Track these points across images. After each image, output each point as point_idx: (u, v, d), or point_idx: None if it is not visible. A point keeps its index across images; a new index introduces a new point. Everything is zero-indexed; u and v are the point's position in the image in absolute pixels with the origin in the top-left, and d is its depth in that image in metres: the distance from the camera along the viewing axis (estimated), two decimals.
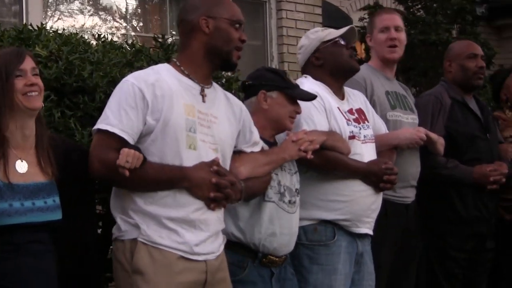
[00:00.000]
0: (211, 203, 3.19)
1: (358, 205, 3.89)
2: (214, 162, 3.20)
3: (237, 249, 3.52)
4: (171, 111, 3.15)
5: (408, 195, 4.45)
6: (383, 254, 4.24)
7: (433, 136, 4.44)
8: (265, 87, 3.71)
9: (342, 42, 4.04)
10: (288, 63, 9.03)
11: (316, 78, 4.05)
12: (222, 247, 3.33)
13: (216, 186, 3.16)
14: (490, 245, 4.80)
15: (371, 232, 3.99)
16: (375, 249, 4.07)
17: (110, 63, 3.91)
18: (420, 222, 4.57)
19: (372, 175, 3.91)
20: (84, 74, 3.74)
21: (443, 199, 4.66)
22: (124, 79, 3.25)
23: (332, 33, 4.08)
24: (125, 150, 3.00)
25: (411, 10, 9.40)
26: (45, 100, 3.68)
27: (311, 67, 4.10)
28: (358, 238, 3.94)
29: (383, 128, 4.27)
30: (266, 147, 3.64)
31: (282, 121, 3.71)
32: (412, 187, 4.47)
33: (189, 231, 3.15)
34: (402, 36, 4.63)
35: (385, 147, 4.20)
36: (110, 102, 3.21)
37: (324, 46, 4.05)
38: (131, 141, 3.11)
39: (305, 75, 4.12)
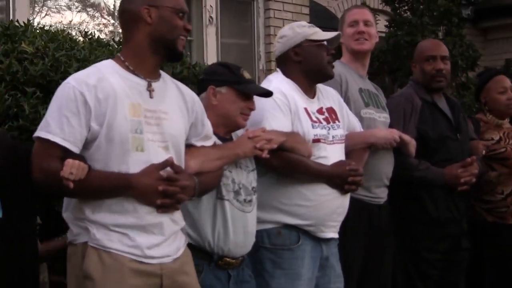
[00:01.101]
0: (159, 209, 3.04)
1: (323, 210, 3.80)
2: (167, 163, 3.03)
3: (192, 252, 3.31)
4: (115, 114, 2.98)
5: (382, 195, 4.40)
6: (355, 254, 4.20)
7: (406, 137, 4.39)
8: (215, 82, 3.57)
9: (326, 46, 3.96)
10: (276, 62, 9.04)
11: (289, 72, 3.95)
12: (182, 250, 3.18)
13: (164, 194, 3.01)
14: (465, 245, 4.78)
15: (336, 236, 3.91)
16: (347, 250, 4.04)
17: (96, 61, 3.85)
18: (393, 223, 4.55)
19: (336, 177, 3.81)
20: (70, 71, 3.71)
21: (415, 200, 4.62)
22: (64, 82, 3.07)
23: (319, 34, 3.97)
24: (69, 161, 2.85)
25: (398, 11, 9.46)
26: (31, 97, 3.70)
27: (287, 60, 3.98)
28: (323, 242, 3.84)
29: (357, 126, 4.19)
30: (219, 143, 3.51)
31: (233, 117, 3.57)
32: (385, 186, 4.44)
33: (141, 235, 3.01)
34: (372, 30, 4.56)
35: (360, 145, 4.14)
36: (51, 108, 3.02)
37: (307, 44, 3.93)
38: (75, 149, 2.96)
39: (277, 69, 4.05)
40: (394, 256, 4.60)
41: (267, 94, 3.67)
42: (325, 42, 3.97)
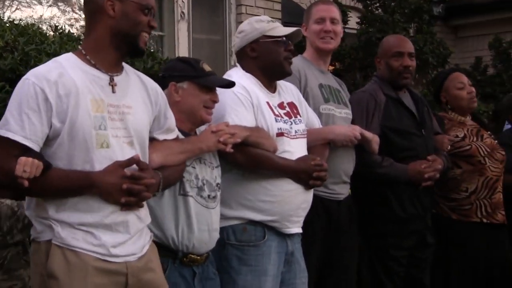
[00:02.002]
0: (123, 207, 2.98)
1: (288, 205, 3.78)
2: (133, 160, 2.97)
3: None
4: (77, 110, 2.91)
5: (341, 191, 4.37)
6: (314, 250, 4.18)
7: (368, 134, 4.35)
8: (175, 78, 3.53)
9: (284, 41, 3.91)
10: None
11: (247, 68, 3.92)
12: (147, 247, 3.13)
13: (128, 192, 2.95)
14: (430, 241, 4.79)
15: (300, 231, 3.90)
16: (306, 246, 3.99)
17: None
18: (358, 221, 4.53)
19: (301, 173, 3.78)
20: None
21: (380, 198, 4.60)
22: (24, 77, 2.98)
23: (277, 29, 3.93)
24: (22, 159, 2.77)
25: (370, 8, 9.50)
26: (0, 91, 3.67)
27: (244, 56, 3.94)
28: (288, 237, 3.83)
29: (316, 122, 4.15)
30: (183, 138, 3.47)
31: (196, 111, 3.53)
32: (344, 183, 4.41)
33: (106, 233, 2.96)
34: (338, 28, 4.53)
35: (319, 142, 4.10)
36: (11, 104, 2.94)
37: (264, 40, 3.89)
38: (36, 148, 2.89)
39: (236, 64, 4.01)
40: (360, 253, 4.59)
41: (229, 85, 3.64)
42: (284, 38, 3.92)
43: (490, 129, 5.38)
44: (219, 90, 3.63)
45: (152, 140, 3.23)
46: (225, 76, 3.91)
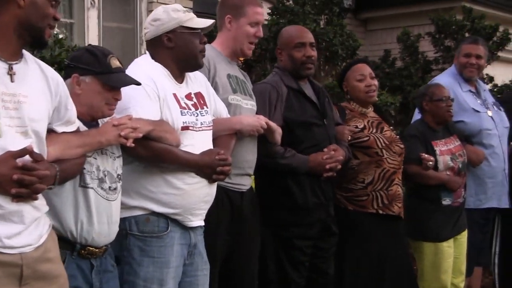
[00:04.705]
0: (15, 198, 2.89)
1: (191, 198, 3.76)
2: (26, 151, 2.88)
3: None
4: None
5: (244, 182, 4.37)
6: (217, 243, 4.19)
7: (273, 125, 4.40)
8: (79, 70, 3.43)
9: (199, 33, 3.91)
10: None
11: (158, 57, 3.88)
12: (45, 237, 3.05)
13: (19, 183, 2.86)
14: (334, 230, 4.85)
15: (203, 223, 3.91)
16: (210, 237, 4.00)
17: None
18: (263, 212, 4.57)
19: (205, 167, 3.77)
20: None
21: (282, 188, 4.65)
22: None
23: (194, 21, 3.89)
24: None
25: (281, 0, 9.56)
26: None
27: (159, 45, 3.88)
28: (191, 229, 3.82)
29: (224, 112, 4.15)
30: (84, 129, 3.40)
31: (97, 108, 3.45)
32: (247, 175, 4.44)
33: None
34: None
35: (226, 132, 4.10)
36: None
37: (181, 31, 3.85)
38: None
39: (146, 52, 3.98)
40: (265, 244, 4.62)
41: (135, 84, 3.57)
42: (199, 31, 3.91)
43: (398, 121, 5.47)
44: None
45: (50, 132, 3.13)
46: (133, 64, 3.87)
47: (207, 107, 3.96)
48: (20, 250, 2.92)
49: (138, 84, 3.56)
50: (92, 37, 8.56)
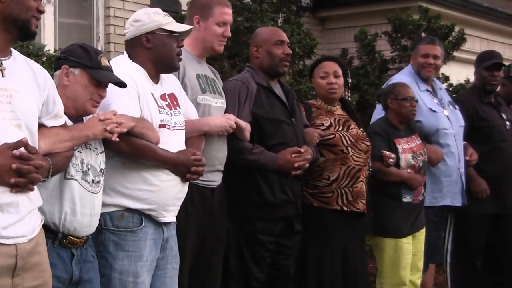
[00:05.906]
0: (13, 188, 3.00)
1: (164, 195, 3.89)
2: (21, 143, 2.99)
3: None
4: None
5: (214, 179, 4.50)
6: (188, 238, 4.28)
7: (242, 123, 4.51)
8: (70, 63, 3.59)
9: (177, 37, 4.02)
10: (115, 44, 8.93)
11: (136, 57, 4.00)
12: (37, 230, 3.18)
13: (17, 172, 2.97)
14: (297, 228, 4.92)
15: (175, 220, 4.03)
16: (181, 233, 4.11)
17: None
18: (228, 206, 4.63)
19: (180, 166, 3.91)
20: None
21: (250, 183, 4.73)
22: None
23: (173, 24, 4.01)
24: None
25: None
26: None
27: (137, 45, 4.01)
28: (164, 225, 3.95)
29: (193, 114, 4.28)
30: (70, 123, 3.53)
31: (81, 101, 3.59)
32: (218, 171, 4.52)
33: None
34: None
35: (195, 133, 4.22)
36: None
37: (160, 33, 3.98)
38: None
39: (124, 52, 4.06)
40: (228, 239, 4.68)
41: (122, 84, 3.70)
42: (176, 35, 4.02)
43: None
44: None
45: (40, 126, 3.24)
46: (112, 63, 3.93)
47: (180, 108, 4.08)
48: (15, 240, 3.02)
49: (124, 85, 3.68)
50: (48, 33, 8.47)
